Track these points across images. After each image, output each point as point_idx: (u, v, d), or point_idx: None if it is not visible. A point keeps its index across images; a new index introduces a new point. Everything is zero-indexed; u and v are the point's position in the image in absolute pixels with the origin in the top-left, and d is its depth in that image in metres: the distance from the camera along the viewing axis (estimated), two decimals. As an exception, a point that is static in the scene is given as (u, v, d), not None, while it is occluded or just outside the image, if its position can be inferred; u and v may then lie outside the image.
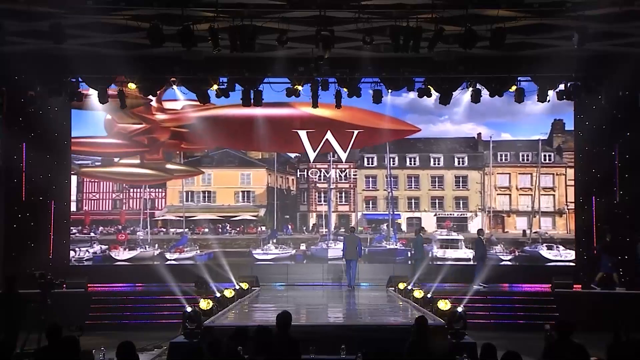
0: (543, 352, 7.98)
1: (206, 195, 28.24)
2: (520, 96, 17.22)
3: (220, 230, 27.83)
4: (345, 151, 23.48)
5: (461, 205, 29.15)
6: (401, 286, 17.26)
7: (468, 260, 24.43)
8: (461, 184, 29.31)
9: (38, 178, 18.61)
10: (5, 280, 12.16)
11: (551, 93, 17.37)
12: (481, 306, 16.64)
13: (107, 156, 23.93)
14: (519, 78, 17.26)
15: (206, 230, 27.16)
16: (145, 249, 24.89)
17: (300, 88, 17.26)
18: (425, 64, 16.26)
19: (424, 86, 17.39)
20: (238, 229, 28.38)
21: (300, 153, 25.91)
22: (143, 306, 17.19)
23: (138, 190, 26.31)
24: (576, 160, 20.41)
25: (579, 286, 18.27)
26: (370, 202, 29.35)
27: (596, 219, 19.05)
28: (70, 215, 20.90)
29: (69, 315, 12.44)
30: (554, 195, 28.46)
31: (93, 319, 15.88)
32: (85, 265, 22.48)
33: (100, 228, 25.29)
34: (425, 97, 17.87)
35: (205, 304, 12.73)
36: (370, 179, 29.21)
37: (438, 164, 29.61)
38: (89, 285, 17.70)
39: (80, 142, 22.22)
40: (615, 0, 12.88)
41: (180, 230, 27.07)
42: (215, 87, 17.43)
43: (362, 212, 28.92)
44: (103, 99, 17.29)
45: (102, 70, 16.62)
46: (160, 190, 26.80)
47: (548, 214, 28.27)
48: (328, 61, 15.04)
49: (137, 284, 19.79)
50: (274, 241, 26.76)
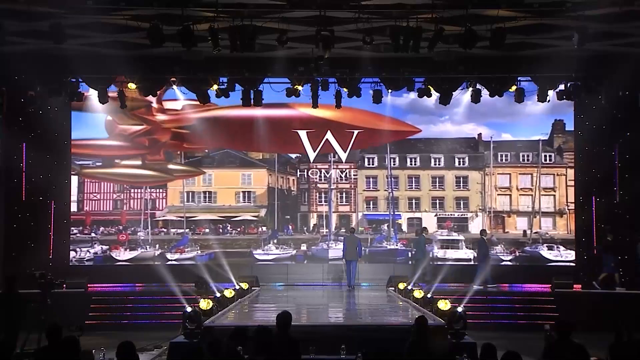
0: (543, 352, 7.98)
1: (207, 195, 28.21)
2: (520, 96, 17.24)
3: (221, 230, 27.81)
4: (345, 151, 23.43)
5: (462, 205, 29.14)
6: (401, 286, 17.27)
7: (469, 260, 24.45)
8: (462, 185, 29.31)
9: (38, 178, 18.62)
10: (5, 280, 12.16)
11: (551, 93, 17.38)
12: (481, 306, 16.62)
13: (109, 158, 23.91)
14: (519, 78, 17.27)
15: (207, 230, 27.14)
16: (146, 250, 24.88)
17: (300, 88, 17.26)
18: (425, 64, 16.27)
19: (424, 86, 17.41)
20: (239, 230, 28.36)
21: (300, 154, 25.88)
22: (143, 306, 17.18)
23: (139, 190, 26.30)
24: (576, 160, 20.40)
25: (579, 286, 18.27)
26: (370, 203, 29.34)
27: (596, 219, 19.05)
28: (70, 215, 20.88)
29: (69, 315, 12.46)
30: (555, 195, 28.44)
31: (93, 319, 15.91)
32: (85, 265, 22.46)
33: (101, 228, 25.27)
34: (425, 98, 17.89)
35: (205, 304, 12.71)
36: (370, 180, 29.19)
37: (439, 165, 29.59)
38: (89, 285, 17.70)
39: (81, 145, 22.24)
40: (615, 0, 12.88)
41: (181, 230, 27.05)
42: (215, 87, 17.44)
43: (363, 213, 28.90)
44: (103, 99, 17.31)
45: (102, 70, 16.64)
46: (161, 190, 26.78)
47: (548, 215, 28.25)
48: (328, 61, 15.05)
49: (137, 284, 19.80)
50: (275, 241, 26.74)
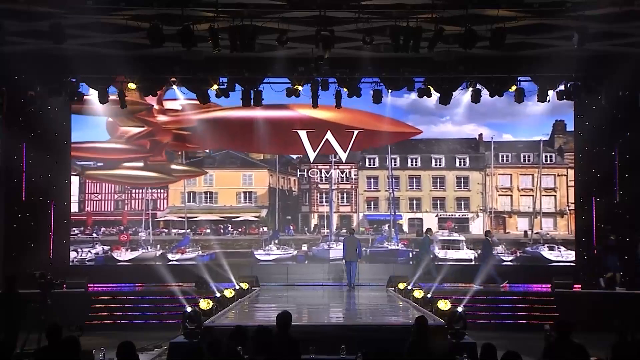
0: (543, 352, 7.97)
1: (208, 196, 28.13)
2: (520, 96, 17.24)
3: (222, 231, 27.72)
4: (345, 151, 23.40)
5: (462, 206, 29.05)
6: (401, 286, 17.26)
7: (470, 260, 24.43)
8: (462, 185, 29.21)
9: (38, 178, 18.64)
10: (5, 280, 12.17)
11: (551, 93, 17.38)
12: (481, 306, 16.63)
13: (110, 161, 23.88)
14: (519, 78, 17.28)
15: (208, 231, 27.07)
16: (147, 250, 24.83)
17: (300, 88, 17.27)
18: (425, 64, 16.27)
19: (424, 86, 17.41)
20: (240, 230, 28.26)
21: (300, 155, 25.85)
22: (143, 306, 17.18)
23: (140, 191, 26.21)
24: (576, 160, 20.39)
25: (579, 286, 18.27)
26: (371, 203, 29.23)
27: (596, 219, 19.06)
28: (70, 215, 20.89)
29: (69, 315, 12.46)
30: (556, 196, 28.33)
31: (93, 319, 15.90)
32: (85, 265, 22.45)
33: (102, 229, 25.20)
34: (426, 98, 17.91)
35: (205, 304, 12.70)
36: (371, 180, 29.09)
37: (439, 165, 29.50)
38: (89, 285, 17.70)
39: (83, 148, 22.23)
40: (615, 0, 12.88)
41: (182, 231, 26.99)
42: (215, 87, 17.45)
43: (364, 213, 28.80)
44: (103, 99, 17.32)
45: (102, 70, 16.65)
46: (162, 191, 26.72)
47: (549, 215, 28.14)
48: (328, 61, 15.05)
49: (137, 284, 19.81)
50: (276, 242, 26.65)
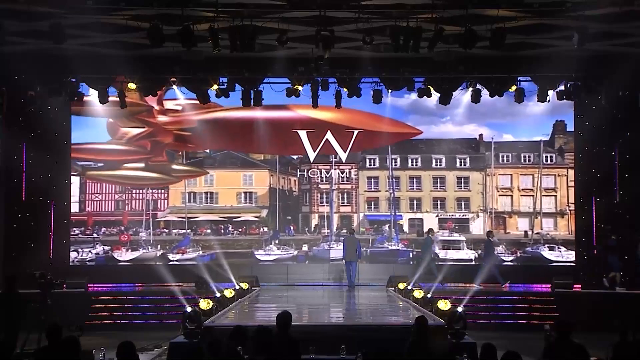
0: (543, 352, 7.97)
1: (208, 196, 28.13)
2: (520, 96, 17.23)
3: (222, 231, 27.73)
4: (345, 151, 23.39)
5: (463, 206, 29.05)
6: (401, 286, 17.26)
7: (470, 261, 24.44)
8: (463, 185, 29.21)
9: (38, 178, 18.63)
10: (5, 280, 12.18)
11: (551, 93, 17.38)
12: (481, 306, 16.62)
13: (111, 162, 23.87)
14: (519, 78, 17.27)
15: (208, 231, 27.09)
16: (147, 250, 24.84)
17: (300, 88, 17.27)
18: (425, 64, 16.27)
19: (424, 86, 17.40)
20: (240, 230, 28.27)
21: (300, 155, 25.85)
22: (143, 306, 17.18)
23: (140, 191, 26.21)
24: (576, 160, 20.37)
25: (579, 286, 18.26)
26: (372, 203, 29.24)
27: (596, 219, 19.04)
28: (70, 215, 20.88)
29: (69, 315, 12.47)
30: (556, 196, 28.32)
31: (93, 319, 15.90)
32: (85, 265, 22.45)
33: (102, 229, 25.20)
34: (426, 98, 17.90)
35: (205, 304, 12.70)
36: (372, 180, 29.10)
37: (440, 165, 29.50)
38: (89, 285, 17.70)
39: (83, 149, 22.23)
40: (615, 0, 12.88)
41: (182, 231, 26.99)
42: (215, 87, 17.45)
43: (364, 213, 28.80)
44: (103, 99, 17.32)
45: (102, 70, 16.65)
46: (162, 191, 26.73)
47: (550, 215, 28.13)
48: (328, 61, 15.05)
49: (137, 284, 19.80)
50: (276, 242, 26.65)
